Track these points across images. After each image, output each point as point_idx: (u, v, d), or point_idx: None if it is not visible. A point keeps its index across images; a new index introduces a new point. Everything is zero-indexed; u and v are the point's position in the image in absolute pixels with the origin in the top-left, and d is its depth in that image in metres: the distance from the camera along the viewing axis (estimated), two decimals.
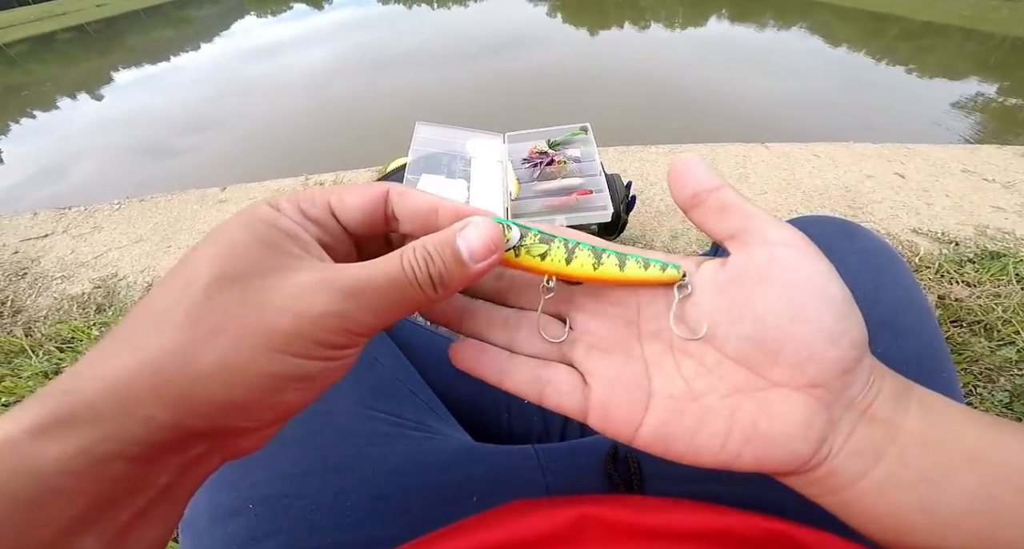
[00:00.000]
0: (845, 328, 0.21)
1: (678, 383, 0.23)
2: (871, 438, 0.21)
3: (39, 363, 1.07)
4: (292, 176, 1.66)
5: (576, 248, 0.23)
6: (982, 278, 1.06)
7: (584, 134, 1.12)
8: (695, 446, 0.22)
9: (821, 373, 0.21)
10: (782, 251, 0.22)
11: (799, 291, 0.21)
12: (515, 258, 0.23)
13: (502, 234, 0.22)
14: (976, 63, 3.15)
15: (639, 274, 0.23)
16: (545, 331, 0.25)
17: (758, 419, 0.21)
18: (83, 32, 7.02)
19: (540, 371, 0.25)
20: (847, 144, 1.67)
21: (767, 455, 0.21)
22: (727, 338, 0.22)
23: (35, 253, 1.47)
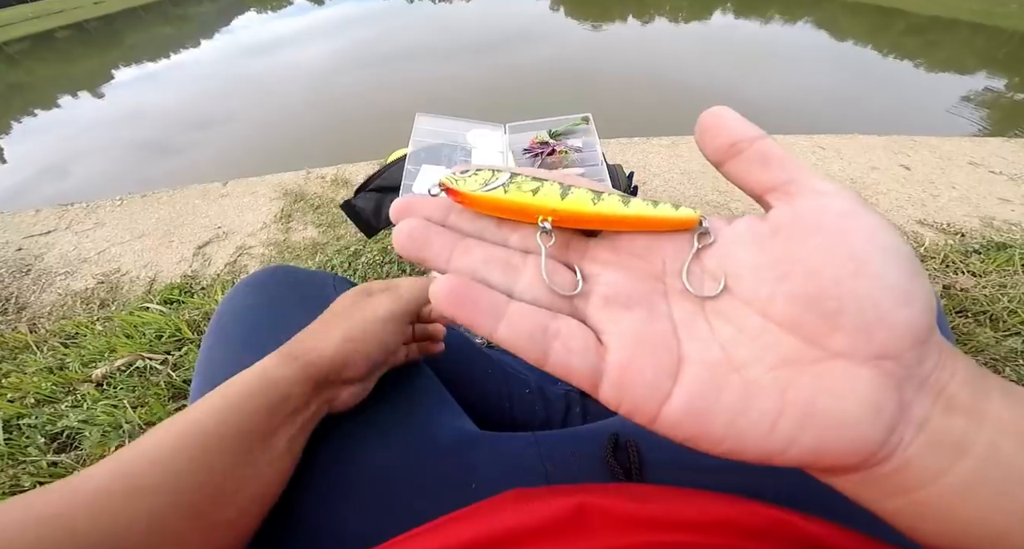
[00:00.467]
0: (916, 286, 0.17)
1: (714, 349, 0.19)
2: (952, 427, 0.17)
3: (44, 359, 1.07)
4: (294, 170, 1.66)
5: (572, 187, 0.21)
6: (988, 268, 1.05)
7: (585, 124, 1.11)
8: (737, 429, 0.18)
9: (892, 341, 0.17)
10: (835, 200, 0.18)
11: (861, 241, 0.17)
12: (505, 195, 0.21)
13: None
14: (984, 58, 3.12)
15: (647, 212, 0.20)
16: (552, 279, 0.21)
17: (816, 397, 0.17)
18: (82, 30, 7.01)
19: (547, 322, 0.20)
20: (852, 136, 1.66)
21: (828, 442, 0.17)
22: (772, 298, 0.19)
23: (38, 250, 1.47)
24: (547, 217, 0.21)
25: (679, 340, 0.19)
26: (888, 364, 0.17)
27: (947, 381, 0.18)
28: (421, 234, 0.21)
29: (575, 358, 0.19)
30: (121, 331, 1.09)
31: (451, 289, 0.19)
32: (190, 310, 1.14)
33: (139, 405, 0.93)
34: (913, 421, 0.17)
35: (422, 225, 0.21)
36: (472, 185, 0.21)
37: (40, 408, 0.96)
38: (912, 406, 0.17)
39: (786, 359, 0.18)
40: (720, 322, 0.19)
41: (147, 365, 1.01)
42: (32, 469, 0.86)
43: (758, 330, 0.19)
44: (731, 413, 0.18)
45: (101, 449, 0.87)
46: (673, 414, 0.18)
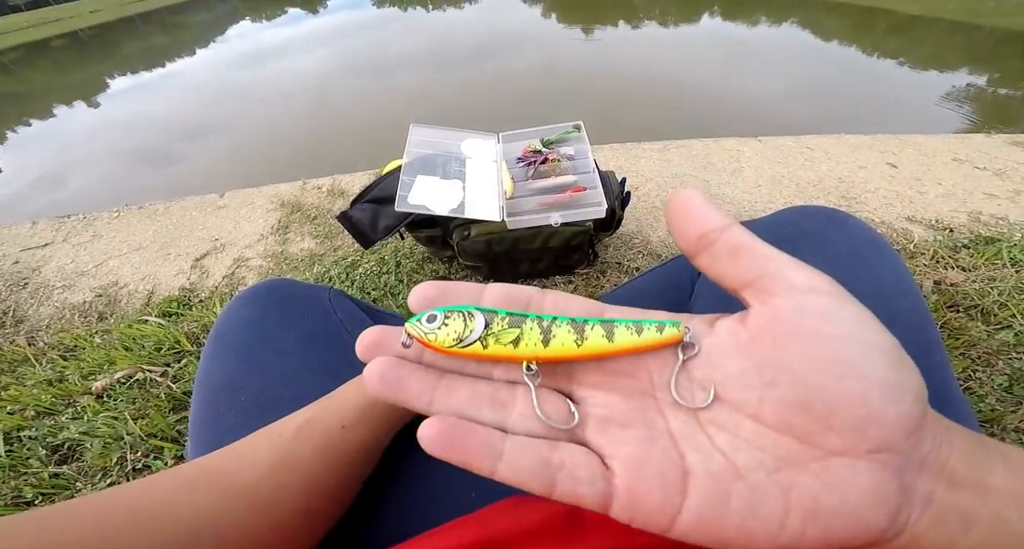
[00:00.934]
0: (903, 380, 0.18)
1: (716, 458, 0.19)
2: (956, 502, 0.18)
3: (43, 371, 1.07)
4: (290, 181, 1.66)
5: (553, 325, 0.20)
6: (977, 263, 1.07)
7: (577, 132, 1.12)
8: (748, 530, 0.18)
9: (885, 436, 0.18)
10: (813, 299, 0.19)
11: (843, 343, 0.18)
12: (484, 350, 0.20)
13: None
14: (965, 55, 3.16)
15: (633, 342, 0.20)
16: (545, 412, 0.20)
17: (819, 494, 0.18)
18: (77, 39, 6.99)
19: (548, 453, 0.19)
20: (839, 136, 1.68)
21: (836, 532, 0.18)
22: (762, 404, 0.19)
23: (35, 262, 1.47)
24: (532, 362, 0.20)
25: (681, 454, 0.20)
26: (886, 456, 0.18)
27: (947, 457, 0.19)
28: (395, 376, 0.20)
29: (582, 487, 0.19)
30: (120, 343, 1.10)
31: (440, 432, 0.19)
32: (188, 322, 1.15)
33: (140, 417, 0.94)
34: (918, 500, 0.18)
35: (395, 365, 0.20)
36: (446, 338, 0.20)
37: (40, 420, 0.97)
38: (915, 487, 0.18)
39: (785, 461, 0.19)
40: (716, 430, 0.20)
41: (147, 377, 1.01)
42: (34, 481, 0.86)
43: (754, 435, 0.19)
44: (741, 517, 0.18)
45: (103, 461, 0.88)
46: (686, 525, 0.19)
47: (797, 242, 0.43)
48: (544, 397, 0.21)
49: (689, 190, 0.21)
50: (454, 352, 0.20)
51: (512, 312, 0.21)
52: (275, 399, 0.45)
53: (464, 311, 0.20)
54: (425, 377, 0.20)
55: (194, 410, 0.46)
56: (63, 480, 0.87)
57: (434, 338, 0.20)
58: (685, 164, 1.55)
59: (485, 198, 0.96)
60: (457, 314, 0.20)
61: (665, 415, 0.20)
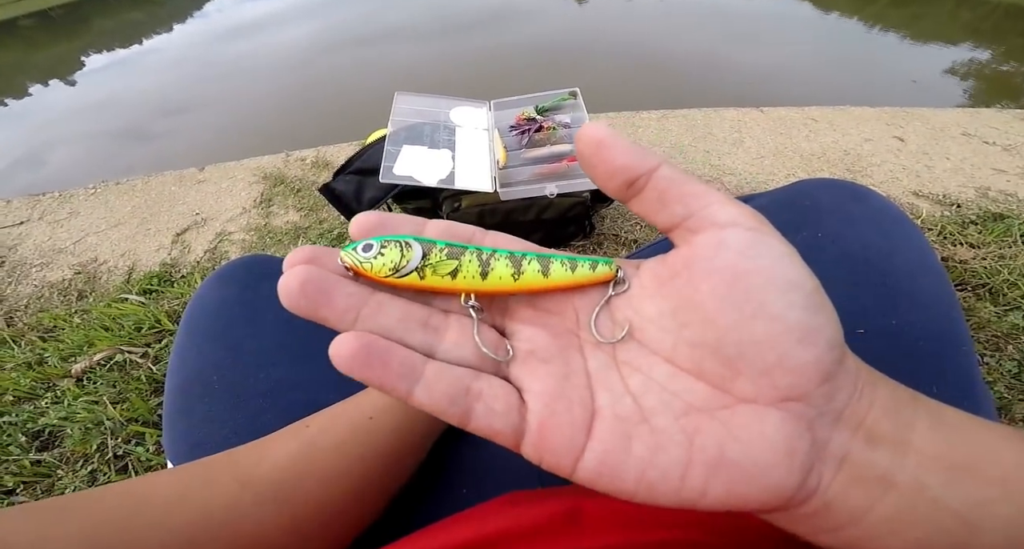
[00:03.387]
0: (819, 323, 0.16)
1: (626, 401, 0.18)
2: (873, 462, 0.17)
3: (22, 354, 1.04)
4: (272, 153, 1.61)
5: (491, 258, 0.20)
6: (986, 239, 1.04)
7: (573, 99, 1.07)
8: (648, 481, 0.17)
9: (796, 382, 0.16)
10: (733, 234, 0.17)
11: (757, 281, 0.16)
12: (420, 280, 0.19)
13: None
14: (971, 30, 3.09)
15: (567, 277, 0.20)
16: (484, 343, 0.19)
17: (724, 444, 0.17)
18: (47, 17, 6.75)
19: (468, 381, 0.18)
20: (844, 108, 1.63)
21: (740, 490, 0.17)
22: (676, 346, 0.18)
23: (11, 241, 1.42)
24: (470, 296, 0.20)
25: (593, 393, 0.19)
26: (796, 405, 0.16)
27: (866, 411, 0.17)
28: (319, 287, 0.18)
29: (497, 420, 0.18)
30: (99, 324, 1.06)
31: (357, 348, 0.17)
32: (169, 300, 1.11)
33: (119, 401, 0.91)
34: (831, 459, 0.17)
35: (319, 275, 0.18)
36: (381, 267, 0.19)
37: (20, 406, 0.94)
38: (828, 443, 0.17)
39: (694, 406, 0.18)
40: (630, 371, 0.19)
41: (127, 359, 0.98)
42: (15, 468, 0.84)
43: (667, 378, 0.18)
44: (641, 465, 0.17)
45: (83, 447, 0.85)
46: (587, 470, 0.17)
47: (814, 215, 0.40)
48: (481, 329, 0.20)
49: (593, 125, 0.18)
50: (390, 282, 0.19)
51: (451, 243, 0.20)
52: (252, 387, 0.42)
53: (402, 240, 0.19)
54: (355, 292, 0.18)
55: (167, 401, 0.43)
56: (44, 468, 0.84)
57: (369, 267, 0.19)
58: (684, 134, 1.50)
59: (476, 168, 0.91)
60: (395, 244, 0.19)
61: (584, 354, 0.20)
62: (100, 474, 0.83)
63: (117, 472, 0.83)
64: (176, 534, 0.25)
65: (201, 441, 0.40)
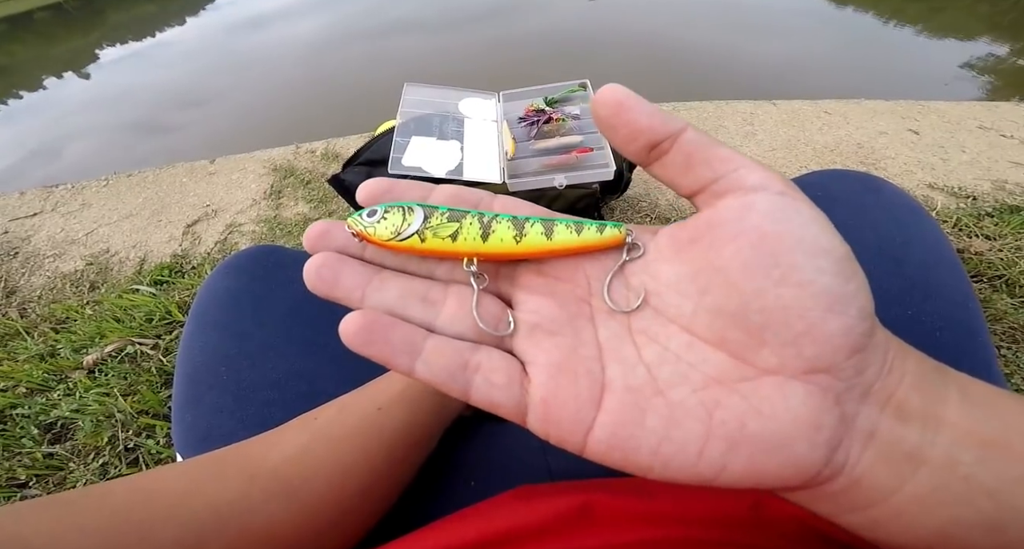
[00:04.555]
0: (850, 291, 0.15)
1: (639, 371, 0.18)
2: (903, 438, 0.16)
3: (35, 345, 1.05)
4: (283, 145, 1.61)
5: (493, 221, 0.19)
6: (1002, 231, 1.02)
7: (583, 91, 1.06)
8: (663, 455, 0.16)
9: (824, 353, 0.15)
10: (760, 198, 0.16)
11: (785, 245, 0.16)
12: (421, 243, 0.19)
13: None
14: (989, 24, 3.03)
15: (572, 240, 0.19)
16: (482, 316, 0.19)
17: (745, 418, 0.16)
18: (61, 10, 6.80)
19: (467, 355, 0.18)
20: (858, 101, 1.60)
21: (761, 465, 0.16)
22: (695, 314, 0.17)
23: (25, 232, 1.43)
24: (471, 260, 0.19)
25: (603, 365, 0.18)
26: (823, 378, 0.16)
27: (895, 385, 0.16)
28: (330, 271, 0.19)
29: (497, 392, 0.18)
30: (111, 315, 1.07)
31: (360, 326, 0.18)
32: (180, 291, 1.11)
33: (130, 393, 0.91)
34: (860, 434, 0.16)
35: (332, 260, 0.19)
36: (384, 232, 0.19)
37: (32, 397, 0.95)
38: (856, 418, 0.16)
39: (713, 378, 0.17)
40: (646, 341, 0.18)
41: (138, 350, 0.99)
42: (28, 461, 0.85)
43: (684, 348, 0.17)
44: (656, 439, 0.16)
45: (95, 440, 0.86)
46: (597, 444, 0.17)
47: (827, 206, 0.39)
48: (482, 300, 0.19)
49: (612, 86, 0.17)
50: (391, 246, 0.19)
51: (454, 209, 0.20)
52: (259, 377, 0.42)
53: (405, 206, 0.19)
54: (360, 271, 0.19)
55: (176, 391, 0.43)
56: (56, 461, 0.85)
57: (372, 232, 0.19)
58: (697, 125, 1.48)
59: (485, 159, 0.91)
60: (397, 209, 0.19)
61: (595, 323, 0.19)
62: (111, 467, 0.83)
63: (128, 465, 0.84)
64: (187, 529, 0.24)
65: (209, 432, 0.40)
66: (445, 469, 0.39)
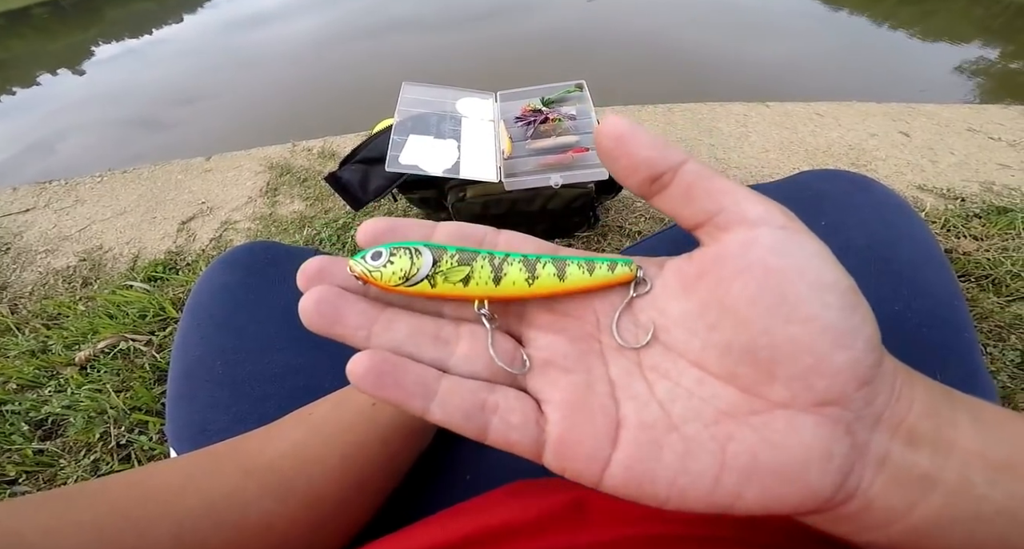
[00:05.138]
0: (855, 324, 0.16)
1: (652, 408, 0.18)
2: (915, 462, 0.16)
3: (26, 341, 1.04)
4: (280, 143, 1.61)
5: (504, 263, 0.19)
6: (989, 232, 1.04)
7: (579, 91, 1.07)
8: (679, 488, 0.17)
9: (834, 386, 0.16)
10: (765, 233, 0.16)
11: (790, 281, 0.16)
12: (432, 288, 0.19)
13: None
14: (981, 27, 3.07)
15: (584, 280, 0.19)
16: (499, 354, 0.19)
17: (758, 451, 0.16)
18: (59, 7, 6.76)
19: (483, 395, 0.18)
20: (850, 103, 1.62)
21: (775, 494, 0.16)
22: (704, 350, 0.17)
23: (17, 228, 1.43)
24: (483, 302, 0.19)
25: (617, 402, 0.18)
26: (833, 410, 0.16)
27: (905, 412, 0.17)
28: (331, 308, 0.18)
29: (514, 433, 0.18)
30: (104, 311, 1.07)
31: (369, 368, 0.17)
32: (174, 287, 1.11)
33: (123, 389, 0.91)
34: (871, 460, 0.16)
35: (333, 294, 0.18)
36: (391, 276, 0.18)
37: (23, 394, 0.94)
38: (868, 446, 0.16)
39: (725, 412, 0.17)
40: (657, 377, 0.18)
41: (130, 347, 0.98)
42: (17, 458, 0.84)
43: (695, 383, 0.18)
44: (672, 473, 0.17)
45: (86, 436, 0.85)
46: (614, 479, 0.17)
47: (817, 206, 0.40)
48: (496, 339, 0.19)
49: (614, 118, 0.17)
50: (400, 290, 0.19)
51: (462, 248, 0.19)
52: (255, 372, 0.42)
53: (411, 247, 0.19)
54: (366, 309, 0.19)
55: (171, 385, 0.43)
56: (47, 457, 0.84)
57: (379, 276, 0.18)
58: (689, 128, 1.49)
59: (482, 158, 0.92)
60: (404, 251, 0.19)
61: (606, 360, 0.19)
62: (103, 464, 0.83)
63: (120, 461, 0.83)
64: (183, 525, 0.24)
65: (204, 427, 0.40)
66: (441, 463, 0.39)
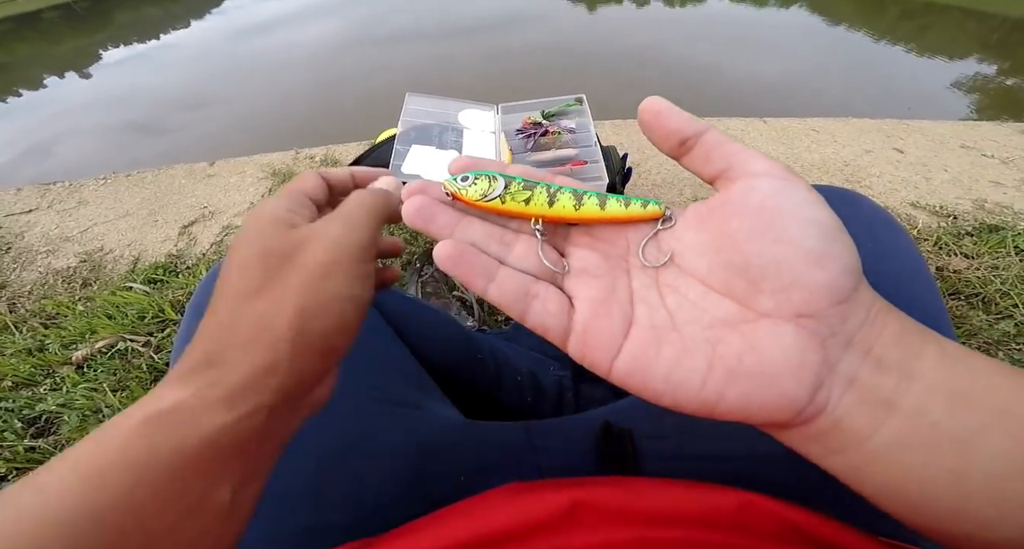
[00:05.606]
0: (833, 250, 0.19)
1: (661, 313, 0.22)
2: (880, 385, 0.18)
3: (23, 340, 1.04)
4: (282, 151, 1.62)
5: (558, 192, 0.24)
6: (980, 250, 1.05)
7: (579, 105, 1.09)
8: (673, 382, 0.20)
9: (810, 300, 0.19)
10: (765, 181, 0.21)
11: (780, 214, 0.20)
12: (502, 205, 0.24)
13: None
14: (977, 43, 3.11)
15: (620, 211, 0.24)
16: (546, 256, 0.24)
17: (743, 354, 0.19)
18: (69, 10, 6.84)
19: (530, 285, 0.23)
20: (846, 119, 1.64)
21: (754, 396, 0.19)
22: (710, 268, 0.21)
23: (19, 228, 1.43)
24: (539, 220, 0.25)
25: (633, 305, 0.22)
26: (809, 322, 0.19)
27: (876, 338, 0.19)
28: (429, 210, 0.24)
29: (549, 317, 0.22)
30: (103, 312, 1.07)
31: (452, 251, 0.22)
32: (174, 290, 1.12)
33: (120, 389, 0.91)
34: (840, 378, 0.19)
35: (430, 201, 0.24)
36: (474, 193, 0.24)
37: (18, 391, 0.94)
38: (839, 363, 0.19)
39: (721, 320, 0.21)
40: (669, 291, 0.22)
41: (128, 347, 0.99)
42: (8, 455, 0.84)
43: (699, 296, 0.22)
44: (668, 366, 0.20)
45: (80, 434, 0.85)
46: (621, 368, 0.21)
47: None
48: (544, 247, 0.24)
49: (654, 98, 0.23)
50: (479, 205, 0.24)
51: (527, 179, 0.25)
52: None
53: (490, 175, 0.25)
54: (452, 213, 0.25)
55: None
56: (38, 454, 0.84)
57: (465, 193, 0.24)
58: None
59: None
60: (484, 176, 0.25)
61: (631, 275, 0.24)
62: None
63: None
64: None
65: None
66: (435, 465, 0.39)
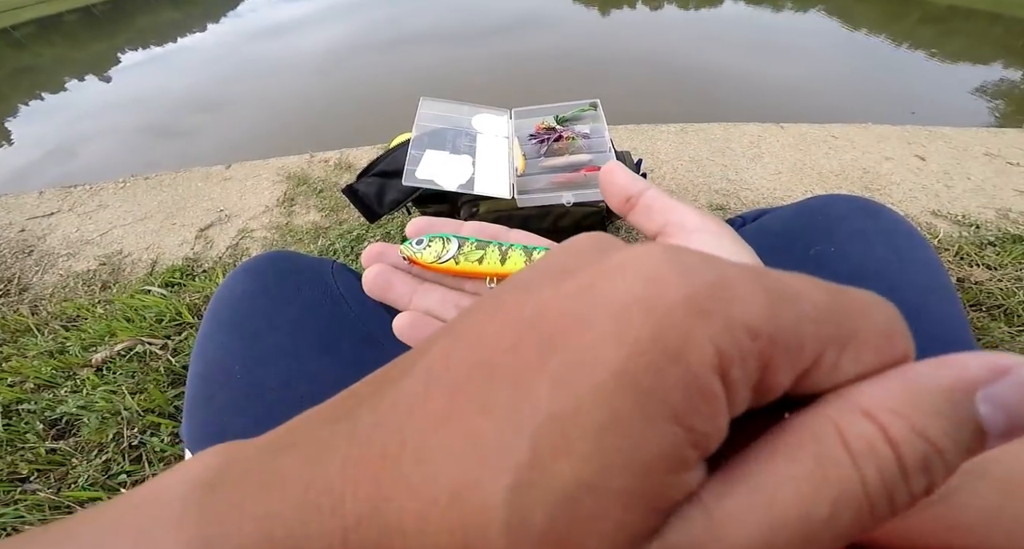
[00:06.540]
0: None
1: None
2: None
3: (44, 342, 1.06)
4: (297, 154, 1.64)
5: (510, 249, 0.26)
6: (1003, 261, 1.03)
7: (593, 110, 1.08)
8: None
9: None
10: (696, 236, 0.22)
11: None
12: (456, 266, 0.25)
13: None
14: (1001, 48, 3.05)
15: None
16: None
17: None
18: (90, 14, 6.97)
19: None
20: (866, 126, 1.62)
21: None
22: None
23: (41, 231, 1.46)
24: (493, 279, 0.26)
25: None
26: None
27: None
28: (385, 279, 0.26)
29: None
30: (122, 314, 1.09)
31: (408, 322, 0.24)
32: (191, 293, 1.13)
33: (138, 391, 0.93)
34: None
35: (387, 270, 0.26)
36: (428, 256, 0.25)
37: (39, 393, 0.96)
38: None
39: None
40: None
41: (147, 350, 1.00)
42: (30, 456, 0.85)
43: None
44: None
45: (99, 436, 0.87)
46: None
47: (827, 231, 0.41)
48: None
49: (612, 162, 0.24)
50: (434, 267, 0.26)
51: (479, 239, 0.26)
52: (270, 378, 0.43)
53: (444, 237, 0.26)
54: (409, 281, 0.26)
55: (189, 387, 0.44)
56: (59, 456, 0.86)
57: (420, 256, 0.26)
58: (703, 147, 1.50)
59: (495, 174, 0.93)
60: (439, 239, 0.26)
61: None
62: (114, 464, 0.84)
63: (131, 462, 0.84)
64: None
65: (222, 430, 0.40)
66: None
